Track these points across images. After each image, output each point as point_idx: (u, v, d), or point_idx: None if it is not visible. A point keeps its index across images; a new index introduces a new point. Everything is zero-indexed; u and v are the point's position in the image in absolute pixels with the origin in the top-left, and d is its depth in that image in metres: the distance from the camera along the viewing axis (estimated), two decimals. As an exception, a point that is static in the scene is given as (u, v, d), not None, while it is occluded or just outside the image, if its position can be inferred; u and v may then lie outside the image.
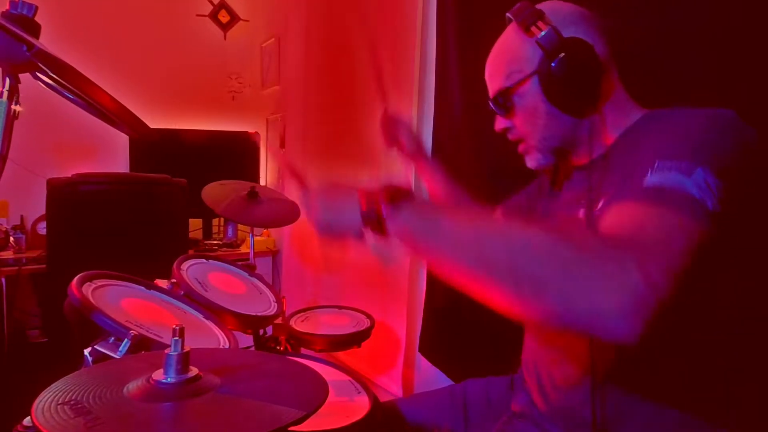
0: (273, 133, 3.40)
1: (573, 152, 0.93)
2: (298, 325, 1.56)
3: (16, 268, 2.50)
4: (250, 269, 1.58)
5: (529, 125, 0.91)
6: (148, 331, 0.88)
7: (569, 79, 0.82)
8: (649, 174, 0.67)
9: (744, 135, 0.71)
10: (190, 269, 1.33)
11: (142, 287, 1.10)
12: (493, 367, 1.18)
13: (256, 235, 2.40)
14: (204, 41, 3.39)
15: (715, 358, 0.76)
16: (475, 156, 1.63)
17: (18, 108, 0.77)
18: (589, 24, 0.85)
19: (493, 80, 0.93)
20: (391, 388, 2.05)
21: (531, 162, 0.95)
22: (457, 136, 1.71)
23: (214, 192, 1.75)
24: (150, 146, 3.01)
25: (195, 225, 3.07)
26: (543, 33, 0.82)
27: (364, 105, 2.29)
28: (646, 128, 0.82)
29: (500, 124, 0.96)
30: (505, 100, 0.91)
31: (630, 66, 0.90)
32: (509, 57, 0.90)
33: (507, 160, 1.30)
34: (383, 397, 1.15)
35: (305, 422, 0.55)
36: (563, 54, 0.81)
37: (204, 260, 1.45)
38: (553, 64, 0.82)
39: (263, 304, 1.41)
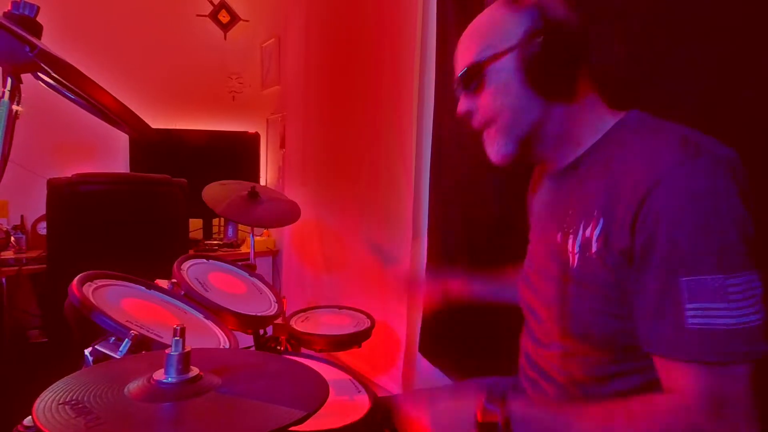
0: (273, 133, 3.40)
1: (540, 150, 0.89)
2: (298, 325, 1.56)
3: (17, 268, 2.50)
4: (251, 269, 1.58)
5: (497, 104, 0.86)
6: (148, 331, 0.88)
7: (550, 60, 0.80)
8: (685, 301, 0.67)
9: (744, 186, 0.69)
10: (191, 269, 1.33)
11: (143, 287, 1.10)
12: (493, 368, 1.18)
13: (257, 235, 2.40)
14: (204, 41, 3.39)
15: None
16: (475, 156, 1.63)
17: (19, 108, 0.77)
18: (573, 17, 0.84)
19: (465, 54, 0.89)
20: (391, 388, 2.05)
21: (493, 152, 0.90)
22: (457, 135, 1.71)
23: (214, 192, 1.75)
24: (150, 146, 3.01)
25: (195, 225, 3.07)
26: (531, 6, 0.81)
27: (365, 104, 2.29)
28: (629, 141, 0.80)
29: (463, 105, 0.91)
30: (476, 74, 0.86)
31: (604, 68, 0.90)
32: (488, 30, 0.87)
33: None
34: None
35: (306, 421, 0.55)
36: (549, 32, 0.79)
37: (204, 260, 1.45)
38: (537, 40, 0.79)
39: (263, 304, 1.41)
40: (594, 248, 0.77)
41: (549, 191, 0.96)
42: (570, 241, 0.83)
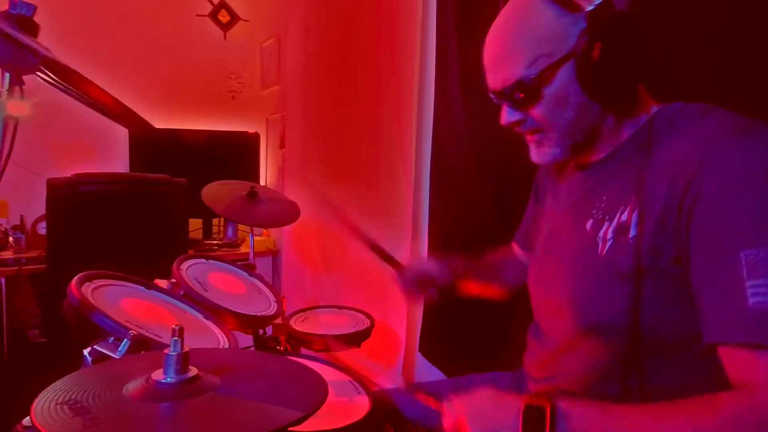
0: (273, 133, 3.40)
1: (590, 149, 0.85)
2: (298, 324, 1.56)
3: (16, 268, 2.50)
4: (250, 269, 1.58)
5: (553, 117, 0.79)
6: (147, 331, 0.88)
7: (614, 65, 0.73)
8: (745, 278, 0.60)
9: None
10: (190, 269, 1.33)
11: (142, 287, 1.10)
12: (493, 367, 1.18)
13: (256, 235, 2.40)
14: (204, 41, 3.39)
15: None
16: (475, 156, 1.63)
17: (20, 108, 0.77)
18: (631, 14, 0.75)
19: (508, 66, 0.79)
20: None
21: (543, 155, 0.84)
22: (457, 136, 1.71)
23: (214, 192, 1.75)
24: (150, 146, 3.01)
25: (195, 225, 3.07)
26: (595, 3, 0.72)
27: (365, 104, 2.29)
28: (676, 125, 0.75)
29: (511, 116, 0.83)
30: (527, 90, 0.77)
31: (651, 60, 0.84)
32: (536, 36, 0.76)
33: (507, 160, 1.30)
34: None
35: (305, 422, 0.55)
36: (614, 33, 0.72)
37: (204, 260, 1.44)
38: (595, 44, 0.71)
39: (263, 304, 1.41)
40: (632, 233, 0.74)
41: (579, 181, 0.90)
42: (604, 228, 0.79)
